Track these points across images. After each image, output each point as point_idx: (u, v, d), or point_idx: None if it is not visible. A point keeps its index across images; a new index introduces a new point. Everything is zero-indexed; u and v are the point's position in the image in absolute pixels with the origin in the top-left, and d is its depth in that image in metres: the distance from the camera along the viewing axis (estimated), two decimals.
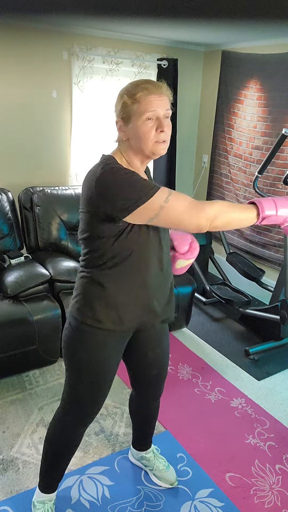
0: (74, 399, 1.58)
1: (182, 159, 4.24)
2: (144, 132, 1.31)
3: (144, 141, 1.32)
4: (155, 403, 1.85)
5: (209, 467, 2.06)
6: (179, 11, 2.37)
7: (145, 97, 1.29)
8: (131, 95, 1.31)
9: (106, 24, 3.02)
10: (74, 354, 1.50)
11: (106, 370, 1.53)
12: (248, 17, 2.46)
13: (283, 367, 2.87)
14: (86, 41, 3.32)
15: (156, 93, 1.30)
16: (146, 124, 1.30)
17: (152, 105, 1.29)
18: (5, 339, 2.40)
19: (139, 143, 1.34)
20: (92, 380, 1.52)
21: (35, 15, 2.79)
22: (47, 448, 1.68)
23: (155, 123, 1.31)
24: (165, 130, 1.32)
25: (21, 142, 3.33)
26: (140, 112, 1.30)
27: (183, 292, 3.01)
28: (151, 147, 1.33)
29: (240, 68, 3.63)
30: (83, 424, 1.63)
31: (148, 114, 1.29)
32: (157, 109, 1.30)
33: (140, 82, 1.34)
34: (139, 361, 1.67)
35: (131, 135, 1.34)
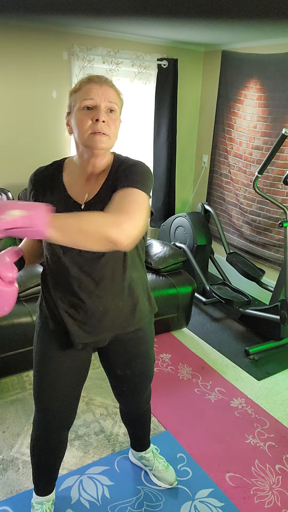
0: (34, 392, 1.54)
1: (182, 159, 4.25)
2: (80, 120, 1.22)
3: (80, 130, 1.23)
4: (142, 409, 1.81)
5: (209, 467, 2.06)
6: (179, 11, 2.37)
7: (85, 84, 1.23)
8: (76, 85, 1.27)
9: (106, 24, 3.02)
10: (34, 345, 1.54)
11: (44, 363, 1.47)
12: (248, 17, 2.46)
13: (283, 367, 2.87)
14: (86, 41, 3.32)
15: (97, 82, 1.23)
16: (83, 112, 1.22)
17: (90, 92, 1.21)
18: (5, 339, 2.40)
19: (76, 134, 1.25)
20: (36, 375, 1.50)
21: (35, 15, 2.79)
22: (32, 454, 1.65)
23: (92, 112, 1.22)
24: (104, 120, 1.21)
25: (21, 142, 3.33)
26: (79, 99, 1.23)
27: (183, 292, 3.01)
28: (87, 139, 1.22)
29: (240, 68, 3.63)
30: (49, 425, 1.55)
31: (86, 102, 1.21)
32: (96, 98, 1.21)
33: (88, 74, 1.30)
34: (110, 376, 1.65)
35: (73, 127, 1.27)
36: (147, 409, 1.84)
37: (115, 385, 1.68)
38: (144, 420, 1.88)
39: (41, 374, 1.49)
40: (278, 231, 3.54)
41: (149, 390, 1.76)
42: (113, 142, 1.27)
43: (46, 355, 1.47)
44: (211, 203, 4.24)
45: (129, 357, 1.55)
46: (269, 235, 3.62)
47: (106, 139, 1.23)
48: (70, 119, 1.28)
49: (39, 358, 1.49)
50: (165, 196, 4.10)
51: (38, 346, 1.49)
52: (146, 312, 1.50)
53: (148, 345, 1.58)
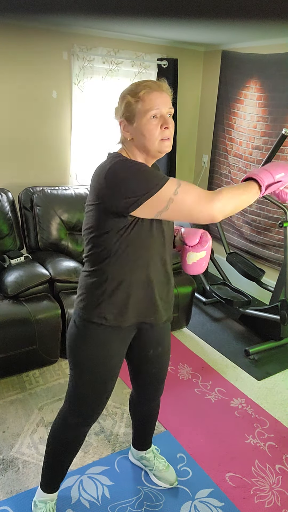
0: (78, 399, 1.58)
1: (182, 159, 4.25)
2: (149, 130, 1.32)
3: (150, 139, 1.33)
4: (155, 403, 1.85)
5: (209, 467, 2.06)
6: (179, 11, 2.37)
7: (148, 95, 1.31)
8: (134, 94, 1.32)
9: (106, 24, 3.02)
10: (79, 353, 1.50)
11: (109, 368, 1.53)
12: (248, 17, 2.46)
13: (283, 367, 2.87)
14: (86, 41, 3.32)
15: (158, 90, 1.32)
16: (151, 122, 1.31)
17: (155, 102, 1.31)
18: (5, 339, 2.40)
19: (144, 142, 1.35)
20: (96, 378, 1.52)
21: (35, 15, 2.79)
22: (49, 448, 1.68)
23: (159, 120, 1.32)
24: (169, 127, 1.33)
25: (21, 142, 3.33)
26: (144, 110, 1.31)
27: (183, 292, 3.01)
28: (157, 145, 1.34)
29: (240, 68, 3.63)
30: (86, 424, 1.62)
31: (153, 112, 1.31)
32: (161, 107, 1.31)
33: (141, 82, 1.35)
34: (140, 359, 1.68)
35: (136, 134, 1.35)
36: (157, 404, 1.87)
37: (143, 370, 1.70)
38: (152, 416, 1.90)
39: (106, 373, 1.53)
40: (278, 231, 3.54)
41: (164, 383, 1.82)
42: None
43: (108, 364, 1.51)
44: None
45: (161, 338, 1.65)
46: (269, 235, 3.63)
47: (170, 143, 1.37)
48: (129, 125, 1.36)
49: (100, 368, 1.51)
50: None
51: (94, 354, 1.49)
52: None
53: (169, 336, 1.73)
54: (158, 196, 1.25)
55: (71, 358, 1.54)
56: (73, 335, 1.51)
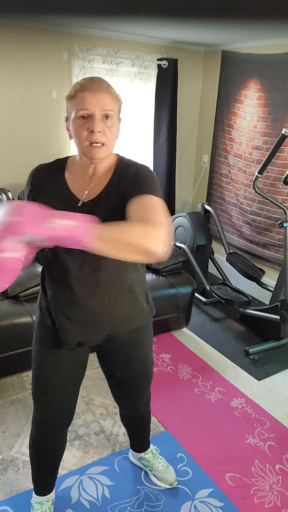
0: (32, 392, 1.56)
1: (182, 159, 4.25)
2: (76, 131, 1.23)
3: (78, 140, 1.24)
4: (141, 412, 1.81)
5: (209, 467, 2.06)
6: (179, 11, 2.37)
7: (79, 93, 1.21)
8: (70, 91, 1.25)
9: (106, 24, 3.02)
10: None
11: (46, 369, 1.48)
12: (248, 17, 2.46)
13: (283, 367, 2.87)
14: (86, 41, 3.32)
15: (91, 89, 1.20)
16: (78, 122, 1.22)
17: (85, 101, 1.20)
18: (5, 339, 2.40)
19: (76, 143, 1.26)
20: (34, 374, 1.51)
21: (35, 15, 2.79)
22: (30, 454, 1.66)
23: (87, 122, 1.21)
24: (99, 131, 1.20)
25: (21, 142, 3.33)
26: (74, 109, 1.22)
27: (183, 292, 3.01)
28: (85, 149, 1.23)
29: (240, 68, 3.63)
30: (51, 421, 1.56)
31: (81, 111, 1.20)
32: (90, 108, 1.20)
33: (82, 79, 1.27)
34: (109, 378, 1.65)
35: (72, 134, 1.27)
36: (146, 412, 1.84)
37: (114, 387, 1.68)
38: (143, 422, 1.88)
39: (39, 373, 1.49)
40: (278, 231, 3.53)
41: (148, 392, 1.76)
42: (111, 148, 1.27)
43: (44, 354, 1.47)
44: (211, 203, 4.24)
45: (128, 359, 1.55)
46: (269, 235, 3.62)
47: (103, 149, 1.23)
48: (69, 125, 1.28)
49: (37, 357, 1.49)
50: (165, 196, 4.10)
51: (36, 345, 1.50)
52: (144, 313, 1.49)
53: (146, 347, 1.57)
54: None
55: None
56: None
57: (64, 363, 1.48)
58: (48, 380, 1.49)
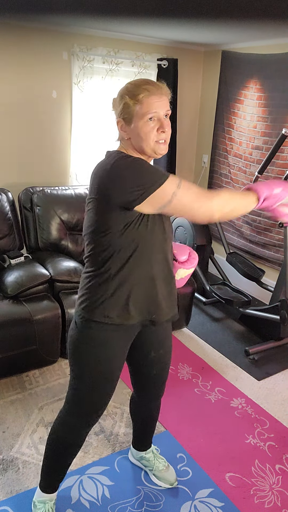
0: (79, 400, 1.57)
1: (182, 159, 4.24)
2: (145, 133, 1.34)
3: (146, 140, 1.36)
4: (155, 404, 1.84)
5: (209, 467, 2.06)
6: (179, 11, 2.37)
7: (147, 98, 1.32)
8: (133, 95, 1.34)
9: (106, 24, 3.02)
10: (81, 353, 1.50)
11: (111, 369, 1.52)
12: (248, 17, 2.46)
13: (283, 367, 2.87)
14: (86, 41, 3.32)
15: (157, 94, 1.34)
16: (148, 125, 1.34)
17: (153, 106, 1.33)
18: (5, 339, 2.40)
19: (140, 143, 1.37)
20: (98, 380, 1.52)
21: (35, 15, 2.79)
22: (49, 449, 1.67)
23: (156, 123, 1.34)
24: (165, 130, 1.36)
25: (21, 142, 3.33)
26: (142, 113, 1.33)
27: (183, 292, 3.01)
28: (153, 147, 1.37)
29: (240, 68, 3.63)
30: (87, 425, 1.62)
31: (150, 115, 1.33)
32: (158, 110, 1.33)
33: (140, 83, 1.36)
34: (141, 360, 1.67)
35: (133, 135, 1.37)
36: (159, 405, 1.87)
37: (144, 371, 1.69)
38: (153, 417, 1.90)
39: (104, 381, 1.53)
40: (278, 231, 3.53)
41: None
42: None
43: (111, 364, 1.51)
44: None
45: (163, 338, 1.65)
46: (269, 235, 3.62)
47: (167, 145, 1.40)
48: (126, 126, 1.38)
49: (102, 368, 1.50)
50: None
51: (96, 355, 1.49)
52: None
53: (171, 339, 1.72)
54: (163, 189, 1.28)
55: (72, 359, 1.53)
56: (74, 336, 1.50)
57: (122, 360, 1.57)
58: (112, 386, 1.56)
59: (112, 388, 1.57)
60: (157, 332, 1.61)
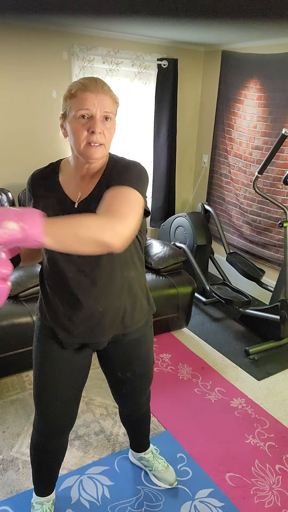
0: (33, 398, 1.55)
1: (182, 159, 4.24)
2: (75, 130, 1.22)
3: (76, 140, 1.23)
4: (140, 413, 1.81)
5: (209, 467, 2.06)
6: (179, 11, 2.37)
7: (81, 93, 1.21)
8: (69, 89, 1.25)
9: (106, 24, 3.02)
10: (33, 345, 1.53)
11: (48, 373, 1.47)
12: (248, 17, 2.46)
13: (283, 367, 2.87)
14: (86, 41, 3.32)
15: (93, 90, 1.20)
16: (78, 122, 1.22)
17: (86, 102, 1.20)
18: (5, 339, 2.40)
19: (72, 142, 1.26)
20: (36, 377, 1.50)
21: (35, 15, 2.79)
22: (31, 457, 1.66)
23: (88, 122, 1.21)
24: (100, 132, 1.21)
25: (21, 142, 3.33)
26: (74, 108, 1.22)
27: (183, 292, 3.01)
28: (83, 149, 1.22)
29: (240, 68, 3.63)
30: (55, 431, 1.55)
31: (82, 111, 1.20)
32: (92, 108, 1.20)
33: (81, 78, 1.26)
34: (110, 378, 1.64)
35: (68, 133, 1.27)
36: (146, 410, 1.84)
37: (115, 388, 1.67)
38: (143, 422, 1.88)
39: (41, 376, 1.48)
40: (278, 231, 3.53)
41: (148, 391, 1.76)
42: (108, 149, 1.27)
43: (46, 356, 1.46)
44: (211, 203, 4.24)
45: (129, 359, 1.55)
46: (269, 235, 3.62)
47: (101, 149, 1.23)
48: (65, 123, 1.28)
49: (39, 360, 1.48)
50: (165, 196, 4.10)
51: (38, 348, 1.49)
52: (145, 312, 1.49)
53: (147, 346, 1.57)
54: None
55: None
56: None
57: (67, 365, 1.47)
58: (50, 382, 1.48)
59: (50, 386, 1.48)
60: (121, 352, 1.52)
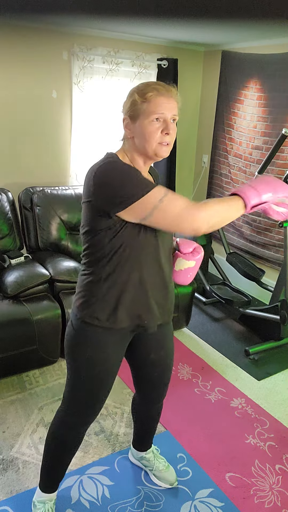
0: (75, 399, 1.57)
1: (182, 159, 4.24)
2: (149, 132, 1.33)
3: (149, 140, 1.34)
4: (157, 406, 1.83)
5: (209, 467, 2.06)
6: (179, 11, 2.37)
7: (155, 97, 1.32)
8: (142, 94, 1.33)
9: (106, 24, 3.02)
10: (75, 353, 1.50)
11: (105, 369, 1.52)
12: (248, 17, 2.46)
13: (283, 367, 2.87)
14: (86, 41, 3.32)
15: (166, 95, 1.33)
16: (153, 125, 1.33)
17: (161, 107, 1.32)
18: (5, 339, 2.40)
19: (143, 142, 1.35)
20: (92, 379, 1.52)
21: (35, 15, 2.79)
22: (48, 449, 1.68)
23: (161, 124, 1.33)
24: (170, 133, 1.34)
25: (21, 142, 3.33)
26: (148, 112, 1.32)
27: (183, 292, 3.01)
28: (155, 148, 1.35)
29: (240, 68, 3.63)
30: (83, 424, 1.62)
31: (156, 115, 1.32)
32: (165, 112, 1.32)
33: (152, 83, 1.36)
34: (141, 363, 1.67)
35: (137, 134, 1.36)
36: (161, 406, 1.86)
37: (145, 374, 1.69)
38: (154, 418, 1.89)
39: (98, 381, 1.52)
40: (278, 231, 3.54)
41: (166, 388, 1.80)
42: (171, 147, 1.40)
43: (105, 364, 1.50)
44: None
45: (163, 338, 1.63)
46: (269, 235, 3.63)
47: (169, 148, 1.38)
48: (132, 124, 1.36)
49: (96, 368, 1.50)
50: None
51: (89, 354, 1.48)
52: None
53: (172, 337, 1.70)
54: (143, 201, 1.25)
55: (68, 359, 1.54)
56: (69, 335, 1.51)
57: (119, 355, 1.55)
58: (110, 379, 1.55)
59: (106, 388, 1.56)
60: (157, 334, 1.59)
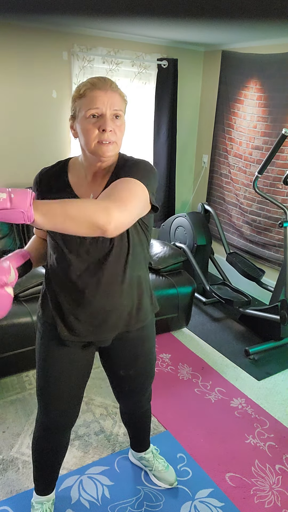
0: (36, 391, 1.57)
1: (182, 159, 4.24)
2: (86, 130, 1.22)
3: (86, 139, 1.22)
4: (141, 412, 1.81)
5: (209, 467, 2.06)
6: (179, 11, 2.37)
7: (90, 91, 1.21)
8: (78, 89, 1.24)
9: (106, 24, 3.02)
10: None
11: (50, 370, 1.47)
12: (248, 17, 2.46)
13: (283, 367, 2.87)
14: (86, 41, 3.32)
15: (102, 88, 1.20)
16: (89, 121, 1.21)
17: (96, 100, 1.19)
18: (5, 339, 2.40)
19: (82, 142, 1.25)
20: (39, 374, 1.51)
21: (35, 15, 2.79)
22: (33, 454, 1.66)
23: (98, 121, 1.21)
24: (110, 130, 1.21)
25: (21, 142, 3.33)
26: (85, 107, 1.21)
27: (183, 292, 3.01)
28: (93, 148, 1.22)
29: (240, 68, 3.63)
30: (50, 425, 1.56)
31: (92, 110, 1.20)
32: (101, 106, 1.20)
33: (90, 78, 1.26)
34: (112, 375, 1.64)
35: (79, 133, 1.26)
36: (147, 409, 1.84)
37: (117, 386, 1.67)
38: (144, 421, 1.88)
39: (44, 373, 1.49)
40: (278, 231, 3.53)
41: (150, 389, 1.76)
42: (119, 147, 1.27)
43: (50, 354, 1.47)
44: (211, 203, 4.24)
45: (133, 357, 1.55)
46: (269, 235, 3.62)
47: (113, 147, 1.23)
48: (75, 124, 1.28)
49: (42, 358, 1.49)
50: (165, 196, 4.10)
51: (41, 346, 1.49)
52: (148, 311, 1.50)
53: (150, 344, 1.59)
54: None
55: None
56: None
57: (70, 362, 1.48)
58: (54, 380, 1.48)
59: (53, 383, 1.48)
60: (125, 349, 1.52)
